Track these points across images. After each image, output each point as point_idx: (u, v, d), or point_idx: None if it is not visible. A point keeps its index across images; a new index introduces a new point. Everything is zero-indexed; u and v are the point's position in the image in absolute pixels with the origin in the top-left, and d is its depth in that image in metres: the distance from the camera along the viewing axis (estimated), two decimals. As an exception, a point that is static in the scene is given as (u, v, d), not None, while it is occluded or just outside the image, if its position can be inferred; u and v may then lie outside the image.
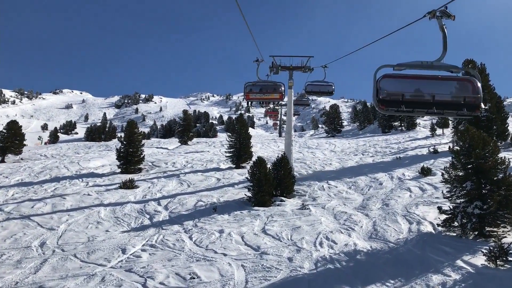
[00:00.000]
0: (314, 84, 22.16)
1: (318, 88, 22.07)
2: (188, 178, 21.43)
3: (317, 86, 22.11)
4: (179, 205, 16.35)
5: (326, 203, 15.89)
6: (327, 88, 22.12)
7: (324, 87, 22.09)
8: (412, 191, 16.82)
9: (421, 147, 29.71)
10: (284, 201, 16.38)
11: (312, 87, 22.06)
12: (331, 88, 22.13)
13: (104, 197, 17.71)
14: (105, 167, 26.56)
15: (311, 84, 22.11)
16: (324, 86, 22.10)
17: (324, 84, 22.15)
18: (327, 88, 22.12)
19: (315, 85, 22.14)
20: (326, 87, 22.14)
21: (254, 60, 18.97)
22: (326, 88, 22.11)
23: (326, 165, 24.08)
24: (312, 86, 22.06)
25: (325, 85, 22.14)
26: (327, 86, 22.12)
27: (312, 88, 22.09)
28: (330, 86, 22.11)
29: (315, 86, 22.11)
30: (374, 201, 15.96)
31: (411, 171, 20.44)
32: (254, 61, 18.99)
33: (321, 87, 22.10)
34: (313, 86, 22.08)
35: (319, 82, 22.20)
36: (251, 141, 25.96)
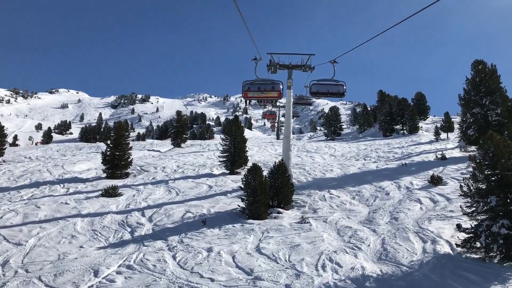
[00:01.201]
0: (321, 84, 18.55)
1: (326, 89, 18.46)
2: (177, 185, 19.79)
3: (325, 86, 18.48)
4: (164, 216, 14.73)
5: (328, 216, 14.31)
6: (337, 89, 18.47)
7: (333, 87, 18.48)
8: (423, 203, 15.27)
9: (427, 153, 28.19)
10: (281, 213, 14.79)
11: (318, 87, 18.50)
12: (341, 89, 18.44)
13: (83, 206, 16.07)
14: (91, 171, 24.88)
15: (318, 84, 18.54)
16: (333, 86, 18.50)
17: (333, 83, 18.58)
18: (337, 88, 18.47)
19: (322, 84, 18.53)
20: (335, 87, 18.50)
21: (252, 59, 18.11)
22: (336, 88, 18.48)
23: (327, 172, 22.50)
24: (319, 86, 18.49)
25: (335, 85, 18.54)
26: (336, 86, 18.51)
27: (318, 89, 18.55)
28: (340, 86, 18.47)
29: (322, 85, 18.50)
30: (381, 214, 14.39)
31: (419, 179, 18.90)
32: (252, 59, 18.13)
33: (329, 87, 18.48)
34: (320, 85, 18.50)
35: (327, 81, 18.61)
36: (247, 144, 24.40)
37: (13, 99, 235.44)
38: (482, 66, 24.16)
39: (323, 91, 18.62)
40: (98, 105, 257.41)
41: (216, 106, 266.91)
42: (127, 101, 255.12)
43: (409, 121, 45.35)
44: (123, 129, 23.48)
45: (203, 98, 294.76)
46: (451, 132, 37.72)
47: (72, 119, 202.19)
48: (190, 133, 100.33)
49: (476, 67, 24.51)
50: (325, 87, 18.57)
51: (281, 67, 19.57)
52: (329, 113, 58.88)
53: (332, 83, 18.66)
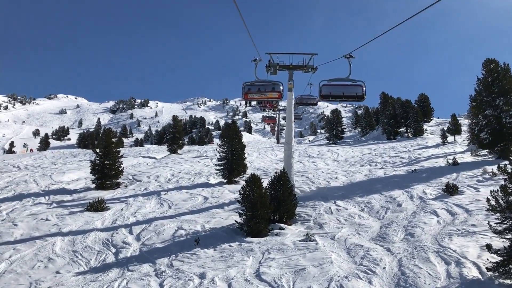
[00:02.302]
0: (333, 85, 15.03)
1: (341, 91, 14.84)
2: (170, 196, 18.32)
3: (339, 87, 14.97)
4: (154, 234, 13.27)
5: (335, 232, 12.84)
6: (354, 90, 14.82)
7: (349, 89, 14.81)
8: (440, 215, 13.79)
9: (435, 157, 26.77)
10: (283, 229, 13.32)
11: (330, 89, 14.94)
12: (360, 90, 14.85)
13: (65, 222, 14.61)
14: (80, 181, 23.42)
15: (329, 85, 15.05)
16: (350, 88, 14.84)
17: (349, 84, 14.97)
18: (354, 90, 14.82)
19: (335, 85, 15.03)
20: (352, 89, 14.85)
21: (252, 60, 17.31)
22: (353, 90, 14.83)
23: (331, 179, 21.02)
24: (331, 88, 14.95)
25: (351, 86, 14.87)
26: (354, 88, 14.84)
27: (330, 91, 14.93)
28: (358, 88, 14.84)
29: (336, 87, 14.98)
30: (394, 228, 12.92)
31: (432, 187, 17.45)
32: (252, 60, 17.32)
33: (345, 89, 14.83)
34: (333, 87, 14.97)
35: (341, 82, 15.11)
36: (246, 149, 22.96)
37: (11, 105, 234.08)
38: (494, 65, 22.74)
39: (337, 93, 14.85)
40: (96, 110, 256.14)
41: (215, 110, 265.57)
42: (126, 106, 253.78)
43: (413, 124, 43.93)
44: (113, 136, 22.00)
45: (202, 102, 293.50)
46: (459, 135, 36.31)
47: (71, 125, 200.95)
48: (189, 138, 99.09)
49: (488, 66, 23.10)
50: (339, 88, 14.81)
51: (281, 67, 18.18)
52: (330, 116, 57.47)
53: (347, 84, 14.99)
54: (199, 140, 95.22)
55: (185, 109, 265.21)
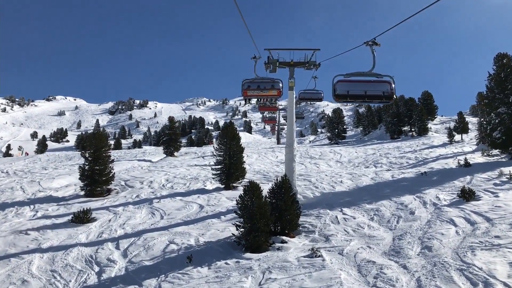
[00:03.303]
0: (352, 81, 11.86)
1: (362, 89, 11.74)
2: (163, 205, 17.02)
3: (360, 84, 11.83)
4: (143, 249, 11.99)
5: (344, 246, 11.55)
6: (381, 88, 11.78)
7: (374, 87, 11.82)
8: (458, 225, 12.48)
9: (444, 158, 25.48)
10: (286, 242, 12.04)
11: (348, 87, 11.71)
12: (387, 88, 11.72)
13: (46, 236, 13.34)
14: (69, 187, 22.15)
15: (347, 81, 11.85)
16: (374, 85, 11.85)
17: (374, 80, 11.93)
18: (381, 87, 11.79)
19: (354, 82, 11.84)
20: (378, 86, 11.81)
21: (252, 57, 16.96)
22: (379, 87, 11.79)
23: (336, 184, 19.73)
24: (349, 85, 11.76)
25: (376, 83, 11.87)
26: (379, 84, 11.82)
27: (349, 89, 11.72)
28: (385, 85, 11.77)
29: (356, 84, 11.81)
30: (409, 241, 11.63)
31: (445, 192, 16.16)
32: (252, 57, 16.97)
33: (368, 87, 11.77)
34: (351, 84, 11.79)
35: (362, 77, 11.95)
36: (245, 151, 21.71)
37: (9, 107, 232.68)
38: (507, 60, 21.44)
39: (357, 92, 11.50)
40: (95, 111, 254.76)
41: (215, 110, 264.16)
42: (125, 107, 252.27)
43: (418, 122, 42.62)
44: (104, 139, 20.72)
45: (202, 102, 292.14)
46: (466, 133, 35.00)
47: (69, 127, 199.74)
48: (188, 139, 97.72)
49: (500, 61, 21.80)
50: (360, 86, 11.46)
51: (281, 64, 16.98)
52: (332, 115, 56.18)
53: (370, 80, 11.88)
54: (198, 141, 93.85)
55: (185, 109, 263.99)
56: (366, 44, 12.26)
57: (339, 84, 12.03)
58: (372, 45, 12.21)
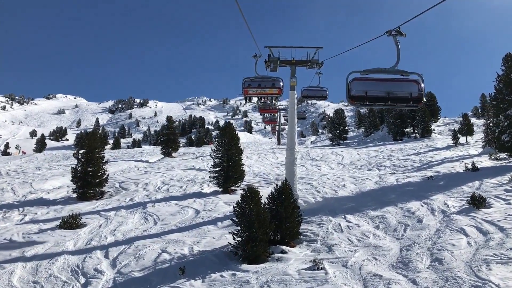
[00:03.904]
0: (372, 79, 9.71)
1: (384, 89, 9.55)
2: (157, 209, 16.24)
3: (381, 84, 9.64)
4: (133, 258, 11.22)
5: (348, 257, 10.77)
6: (407, 89, 9.63)
7: (398, 87, 9.67)
8: (469, 235, 11.70)
9: (449, 161, 24.69)
10: (286, 252, 11.27)
11: (366, 86, 9.60)
12: (415, 89, 9.60)
13: (31, 243, 12.56)
14: (62, 189, 21.39)
15: (364, 80, 9.72)
16: (399, 85, 9.71)
17: (398, 79, 9.80)
18: (407, 88, 9.64)
19: (374, 80, 9.70)
20: (403, 86, 9.68)
21: (253, 55, 16.70)
22: (405, 88, 9.64)
23: (338, 188, 18.94)
24: (367, 84, 9.63)
25: (401, 82, 9.74)
26: (405, 84, 9.70)
27: (367, 89, 9.59)
28: (412, 85, 9.64)
29: (376, 84, 9.65)
30: (417, 252, 10.84)
31: (454, 198, 15.38)
32: (253, 56, 16.70)
33: (391, 87, 9.60)
34: (370, 84, 9.64)
35: (383, 75, 9.80)
36: (245, 151, 20.95)
37: (8, 105, 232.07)
38: (517, 60, 20.66)
39: (378, 93, 9.39)
40: (95, 110, 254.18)
41: (215, 109, 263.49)
42: (125, 106, 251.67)
43: (421, 124, 41.83)
44: (97, 140, 19.94)
45: (202, 101, 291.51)
46: (470, 135, 34.20)
47: (69, 125, 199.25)
48: (187, 139, 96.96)
49: (509, 61, 21.02)
50: (382, 86, 9.38)
51: (283, 63, 16.29)
52: (333, 116, 55.40)
53: (395, 78, 9.65)
54: (197, 141, 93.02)
55: (185, 108, 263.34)
56: (389, 34, 9.96)
57: (355, 83, 9.66)
58: (396, 35, 9.94)
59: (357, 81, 9.81)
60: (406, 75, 9.82)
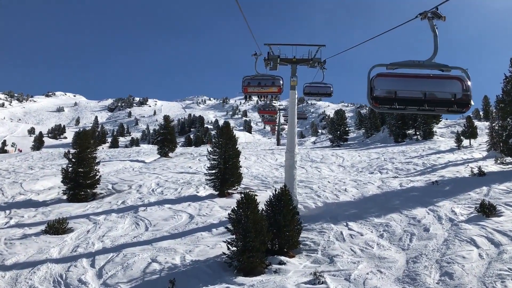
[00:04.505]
0: (404, 76, 7.49)
1: (420, 88, 7.30)
2: (149, 213, 15.49)
3: (417, 81, 7.37)
4: (121, 268, 10.47)
5: (351, 269, 10.03)
6: (450, 88, 7.25)
7: (439, 85, 7.33)
8: (480, 246, 10.95)
9: (454, 165, 23.96)
10: (284, 263, 10.53)
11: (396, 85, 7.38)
12: (459, 90, 7.20)
13: (12, 250, 11.82)
14: (53, 190, 20.63)
15: (391, 75, 7.53)
16: (440, 82, 7.35)
17: (440, 76, 7.51)
18: (449, 86, 7.26)
19: (407, 77, 7.48)
20: (445, 85, 7.32)
21: (253, 54, 16.32)
22: (447, 86, 7.28)
23: (340, 192, 18.20)
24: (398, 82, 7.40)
25: (443, 79, 7.39)
26: (447, 82, 7.33)
27: (399, 88, 7.34)
28: (455, 83, 7.24)
29: (407, 81, 7.41)
30: (425, 264, 10.10)
31: (461, 205, 14.63)
32: (253, 54, 16.32)
33: (429, 85, 7.30)
34: (402, 81, 7.40)
35: (415, 69, 7.66)
36: (244, 152, 20.23)
37: (7, 102, 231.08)
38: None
39: (411, 94, 7.32)
40: (94, 108, 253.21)
41: (215, 108, 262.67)
42: (124, 104, 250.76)
43: (423, 126, 41.12)
44: (89, 139, 19.17)
45: (202, 100, 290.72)
46: (474, 138, 33.47)
47: (68, 123, 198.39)
48: (186, 138, 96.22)
49: (517, 62, 20.28)
50: (416, 84, 7.30)
51: (283, 61, 15.64)
52: (334, 116, 54.64)
53: (432, 75, 7.50)
54: (196, 141, 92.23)
55: (185, 107, 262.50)
56: (423, 16, 7.63)
57: (380, 80, 7.41)
58: (432, 18, 7.62)
59: (382, 77, 7.48)
60: (447, 70, 7.54)
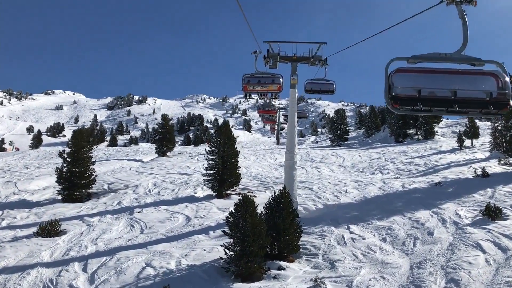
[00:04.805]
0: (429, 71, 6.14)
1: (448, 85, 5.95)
2: (145, 215, 15.07)
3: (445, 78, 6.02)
4: (114, 273, 10.07)
5: (352, 275, 9.64)
6: (483, 85, 5.99)
7: (470, 82, 6.01)
8: (486, 251, 10.55)
9: (456, 165, 23.56)
10: (284, 268, 10.13)
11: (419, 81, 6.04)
12: (494, 87, 5.93)
13: (2, 253, 11.42)
14: (48, 190, 20.22)
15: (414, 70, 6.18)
16: (471, 79, 6.03)
17: (471, 71, 6.17)
18: (483, 83, 6.00)
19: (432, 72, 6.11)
20: (477, 82, 6.03)
21: (252, 52, 16.12)
22: (480, 83, 6.02)
23: (340, 193, 17.80)
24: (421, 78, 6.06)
25: (474, 75, 6.08)
26: (480, 79, 6.05)
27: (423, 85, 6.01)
28: (489, 80, 5.97)
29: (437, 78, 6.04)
30: (430, 270, 9.70)
31: (465, 208, 14.24)
32: (252, 52, 16.12)
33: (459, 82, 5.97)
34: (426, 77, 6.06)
35: (446, 66, 6.29)
36: (243, 151, 19.75)
37: (6, 100, 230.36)
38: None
39: (437, 92, 6.04)
40: (94, 106, 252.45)
41: (214, 107, 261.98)
42: (124, 103, 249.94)
43: (424, 125, 40.73)
44: (84, 138, 18.75)
45: (201, 99, 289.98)
46: (476, 138, 33.08)
47: (67, 121, 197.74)
48: (185, 137, 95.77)
49: (522, 61, 19.87)
50: (443, 81, 5.98)
51: (283, 59, 15.29)
52: (334, 116, 54.22)
53: (461, 70, 6.15)
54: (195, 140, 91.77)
55: (184, 106, 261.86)
56: (450, 1, 6.45)
57: (400, 76, 6.08)
58: (461, 2, 6.42)
59: (402, 73, 6.17)
60: (479, 64, 6.27)
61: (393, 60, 6.31)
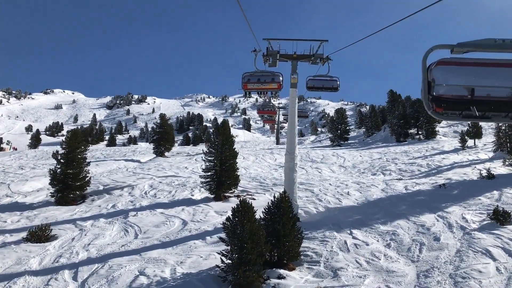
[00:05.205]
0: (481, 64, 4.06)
1: (509, 83, 3.92)
2: (139, 219, 14.56)
3: (502, 72, 3.96)
4: (105, 281, 9.57)
5: (356, 284, 9.14)
6: None
7: None
8: (497, 258, 10.05)
9: (459, 166, 23.06)
10: (284, 277, 9.62)
11: (469, 78, 4.05)
12: None
13: (-11, 261, 10.89)
14: (42, 192, 19.72)
15: (460, 63, 4.09)
16: None
17: None
18: None
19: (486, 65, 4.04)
20: None
21: (252, 50, 15.78)
22: None
23: (342, 196, 17.30)
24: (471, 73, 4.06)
25: None
26: None
27: (476, 83, 4.01)
28: None
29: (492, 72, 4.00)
30: (438, 280, 9.21)
31: (472, 211, 13.75)
32: (252, 51, 15.79)
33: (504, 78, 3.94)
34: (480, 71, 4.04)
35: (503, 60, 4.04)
36: (242, 151, 19.24)
37: (5, 99, 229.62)
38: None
39: (495, 92, 4.05)
40: (93, 106, 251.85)
41: (214, 106, 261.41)
42: (123, 102, 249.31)
43: (425, 125, 40.20)
44: (79, 139, 18.23)
45: (201, 98, 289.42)
46: (479, 138, 32.57)
47: (66, 121, 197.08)
48: (184, 136, 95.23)
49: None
50: (501, 77, 3.96)
51: (283, 57, 14.79)
52: (334, 115, 53.68)
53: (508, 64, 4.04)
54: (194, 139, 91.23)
55: (183, 105, 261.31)
56: None
57: (444, 70, 4.27)
58: None
59: (447, 66, 4.34)
60: None
61: (433, 49, 4.43)
